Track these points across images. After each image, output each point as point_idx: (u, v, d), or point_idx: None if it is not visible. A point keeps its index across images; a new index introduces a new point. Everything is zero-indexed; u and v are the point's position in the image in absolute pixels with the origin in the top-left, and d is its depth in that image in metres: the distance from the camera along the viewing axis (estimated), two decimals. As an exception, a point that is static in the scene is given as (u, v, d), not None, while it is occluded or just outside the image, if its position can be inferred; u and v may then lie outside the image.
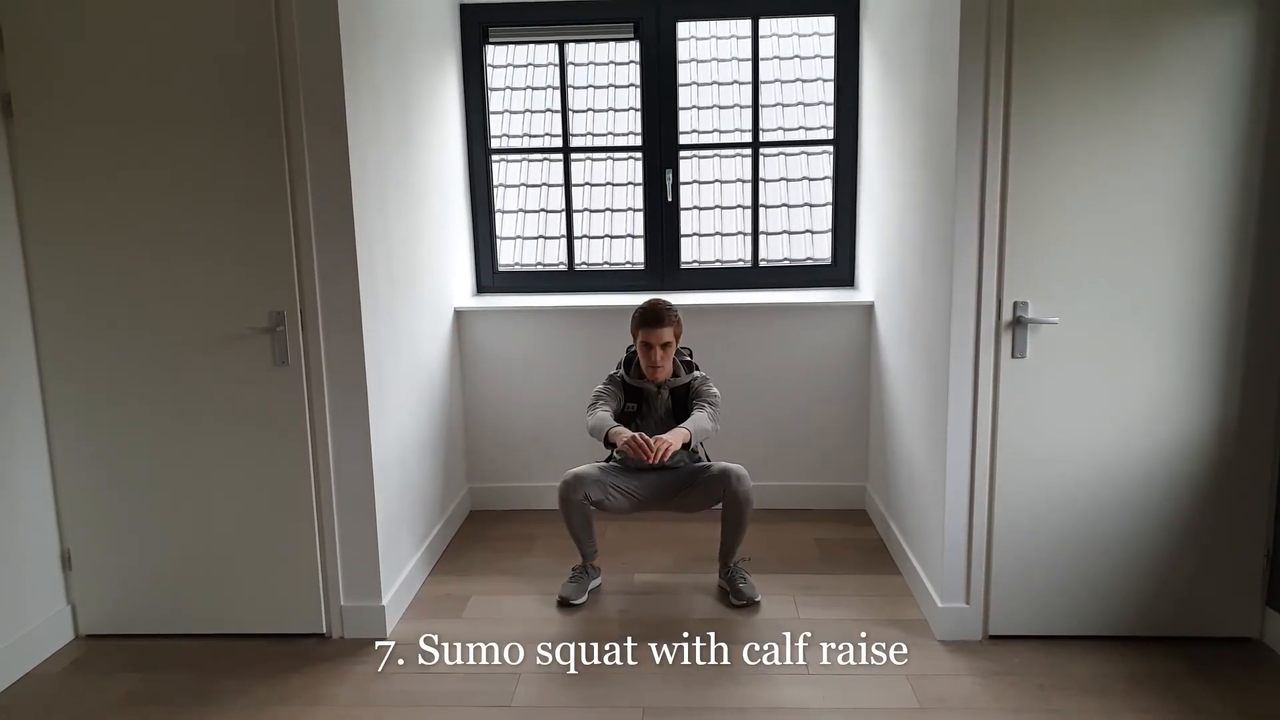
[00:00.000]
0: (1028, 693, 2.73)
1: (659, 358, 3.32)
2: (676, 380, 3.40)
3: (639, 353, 3.38)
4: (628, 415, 3.40)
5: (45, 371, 3.01)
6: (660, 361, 3.33)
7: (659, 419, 3.40)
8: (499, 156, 4.98)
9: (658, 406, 3.40)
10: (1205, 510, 2.91)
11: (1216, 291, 2.79)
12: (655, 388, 3.39)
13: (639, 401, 3.41)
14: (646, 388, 3.40)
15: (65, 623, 3.13)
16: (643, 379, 3.41)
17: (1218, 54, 2.68)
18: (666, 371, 3.38)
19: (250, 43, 2.79)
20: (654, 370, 3.36)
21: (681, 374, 3.42)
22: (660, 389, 3.39)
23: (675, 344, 3.37)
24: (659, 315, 3.30)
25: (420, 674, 2.90)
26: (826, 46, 5.79)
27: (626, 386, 3.43)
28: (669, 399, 3.40)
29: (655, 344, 3.30)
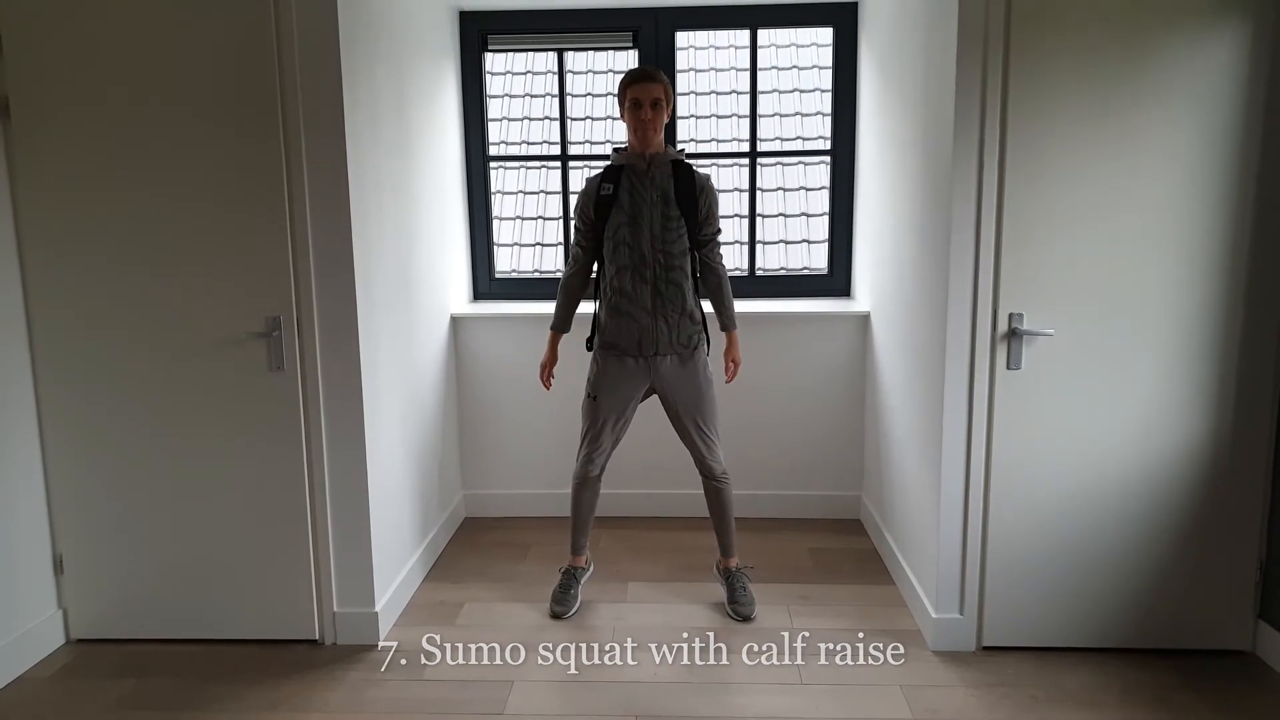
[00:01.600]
0: (1021, 704, 2.73)
1: (649, 116, 3.02)
2: (668, 154, 3.11)
3: (628, 117, 3.06)
4: (605, 201, 3.09)
5: (40, 376, 3.01)
6: (650, 121, 3.02)
7: (650, 203, 3.07)
8: (497, 163, 4.99)
9: (648, 188, 3.07)
10: (1198, 522, 2.92)
11: (1212, 304, 2.80)
12: (645, 164, 3.08)
13: (616, 183, 3.08)
14: (634, 163, 3.08)
15: (56, 627, 3.12)
16: (631, 154, 3.10)
17: (1213, 67, 2.69)
18: (658, 138, 3.07)
19: (249, 49, 2.80)
20: (645, 132, 3.03)
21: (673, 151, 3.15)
22: (651, 165, 3.08)
23: (666, 109, 3.07)
24: (649, 72, 3.05)
25: (413, 680, 2.89)
26: (824, 57, 5.81)
27: (606, 172, 3.12)
28: (668, 183, 3.07)
29: (645, 100, 3.01)
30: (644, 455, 4.19)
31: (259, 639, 3.13)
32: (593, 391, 3.28)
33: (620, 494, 4.24)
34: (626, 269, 3.12)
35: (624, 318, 3.15)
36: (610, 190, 3.08)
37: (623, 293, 3.13)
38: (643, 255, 3.10)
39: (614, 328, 3.18)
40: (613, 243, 3.13)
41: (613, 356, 3.22)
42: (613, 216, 3.11)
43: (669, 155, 3.13)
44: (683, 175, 3.11)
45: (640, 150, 3.10)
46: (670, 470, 4.18)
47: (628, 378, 3.21)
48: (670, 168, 3.11)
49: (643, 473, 4.24)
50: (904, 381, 3.47)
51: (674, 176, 3.10)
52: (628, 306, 3.14)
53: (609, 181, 3.09)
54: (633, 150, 3.12)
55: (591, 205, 3.14)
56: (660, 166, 3.09)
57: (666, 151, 3.13)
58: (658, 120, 3.05)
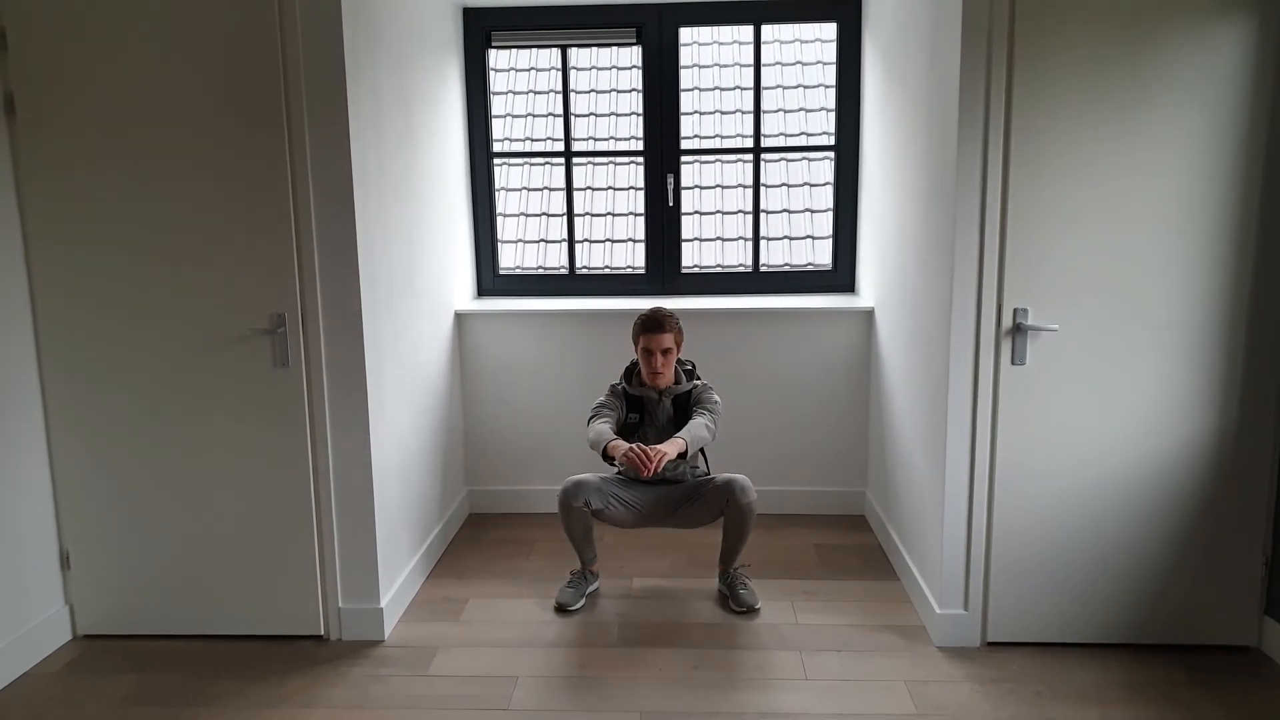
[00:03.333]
0: (1025, 700, 2.72)
1: (659, 364, 3.31)
2: (678, 388, 3.40)
3: (640, 359, 3.37)
4: (630, 426, 3.40)
5: (45, 371, 3.02)
6: (661, 368, 3.32)
7: (660, 428, 3.38)
8: (501, 160, 4.99)
9: (659, 415, 3.39)
10: (1204, 518, 2.91)
11: (1216, 299, 2.79)
12: (656, 395, 3.38)
13: (640, 411, 3.41)
14: (648, 395, 3.39)
15: (63, 623, 3.13)
16: (644, 387, 3.40)
17: (1218, 61, 2.68)
18: (668, 379, 3.37)
19: (253, 45, 2.80)
20: (655, 377, 3.34)
21: (683, 382, 3.42)
22: (661, 397, 3.38)
23: (676, 351, 3.36)
24: (659, 321, 3.31)
25: (418, 677, 2.90)
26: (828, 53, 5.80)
27: (628, 397, 3.42)
28: (670, 407, 3.39)
29: (656, 350, 3.30)
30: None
31: (264, 635, 3.13)
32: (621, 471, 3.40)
33: (624, 490, 4.24)
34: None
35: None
36: (636, 419, 3.42)
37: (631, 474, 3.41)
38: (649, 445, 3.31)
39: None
40: None
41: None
42: (630, 436, 3.39)
43: (677, 389, 3.41)
44: (684, 399, 3.41)
45: (653, 385, 3.39)
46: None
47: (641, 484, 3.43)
48: (675, 398, 3.40)
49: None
50: (908, 377, 3.47)
51: (676, 404, 3.39)
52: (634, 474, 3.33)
53: (634, 411, 3.42)
54: (647, 383, 3.40)
55: (618, 418, 3.40)
56: (669, 395, 3.40)
57: (677, 385, 3.41)
58: (668, 365, 3.36)
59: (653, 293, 4.36)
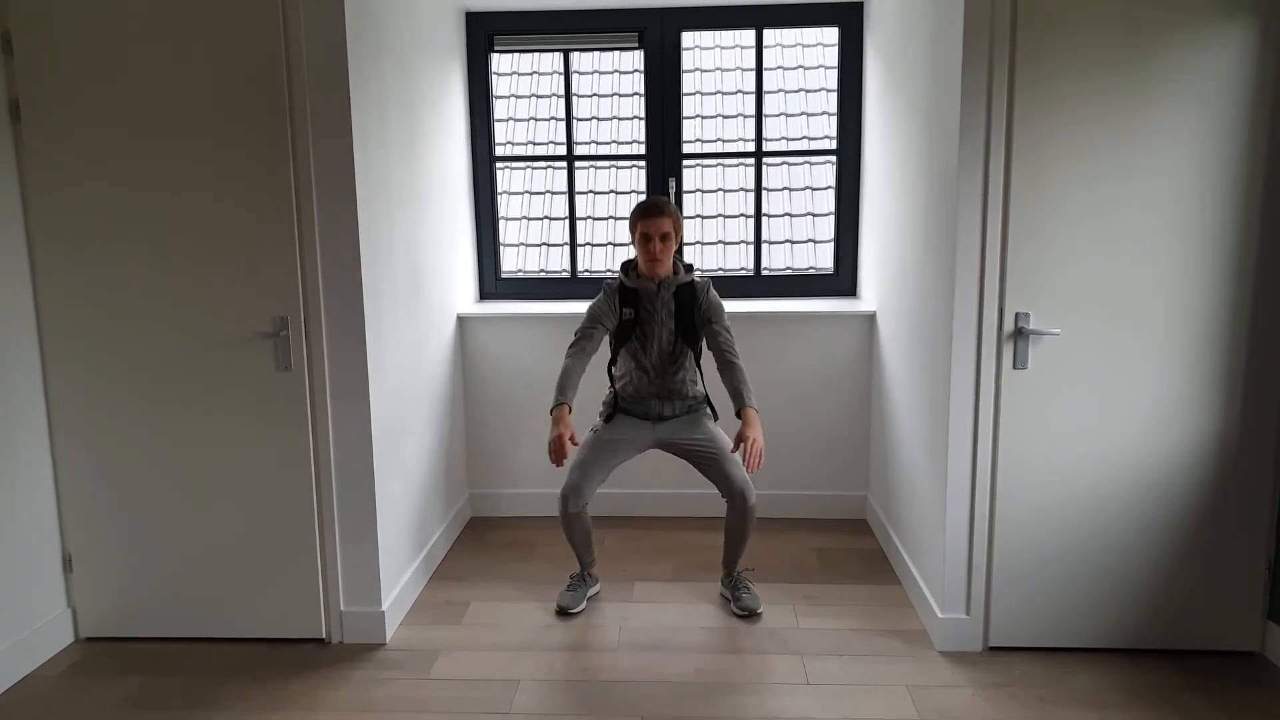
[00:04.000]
0: (1027, 705, 2.72)
1: (658, 249, 3.20)
2: (677, 278, 3.29)
3: (637, 247, 3.26)
4: (626, 324, 3.29)
5: (49, 374, 3.02)
6: (659, 254, 3.21)
7: (660, 322, 3.27)
8: (503, 163, 5.00)
9: (658, 308, 3.27)
10: (1206, 522, 2.91)
11: (1218, 303, 2.79)
12: (655, 287, 3.27)
13: (635, 306, 3.28)
14: (645, 287, 3.27)
15: (65, 626, 3.13)
16: (641, 279, 3.29)
17: (1220, 65, 2.69)
18: (666, 267, 3.26)
19: (257, 50, 2.80)
20: (653, 264, 3.23)
21: (681, 273, 3.31)
22: (660, 288, 3.27)
23: (675, 238, 3.25)
24: (658, 205, 3.22)
25: (419, 680, 2.90)
26: (830, 57, 5.81)
27: (623, 291, 3.31)
28: (672, 301, 3.27)
29: (654, 234, 3.19)
30: (650, 456, 4.18)
31: (266, 638, 3.14)
32: (597, 429, 3.39)
33: (627, 494, 4.24)
34: (635, 371, 3.35)
35: (633, 402, 3.38)
36: (631, 315, 3.29)
37: (631, 382, 3.37)
38: (649, 365, 3.33)
39: (624, 399, 3.41)
40: (626, 353, 3.36)
41: (622, 407, 3.40)
42: (630, 338, 3.32)
43: (677, 280, 3.31)
44: (686, 294, 3.31)
45: (650, 275, 3.28)
46: (676, 471, 4.18)
47: (632, 427, 3.38)
48: (676, 290, 3.30)
49: (649, 473, 4.24)
50: (910, 381, 3.47)
51: (677, 297, 3.30)
52: (635, 397, 3.37)
53: (628, 306, 3.30)
54: (643, 274, 3.30)
55: (611, 320, 3.32)
56: (668, 288, 3.29)
57: (676, 275, 3.32)
58: (667, 252, 3.24)
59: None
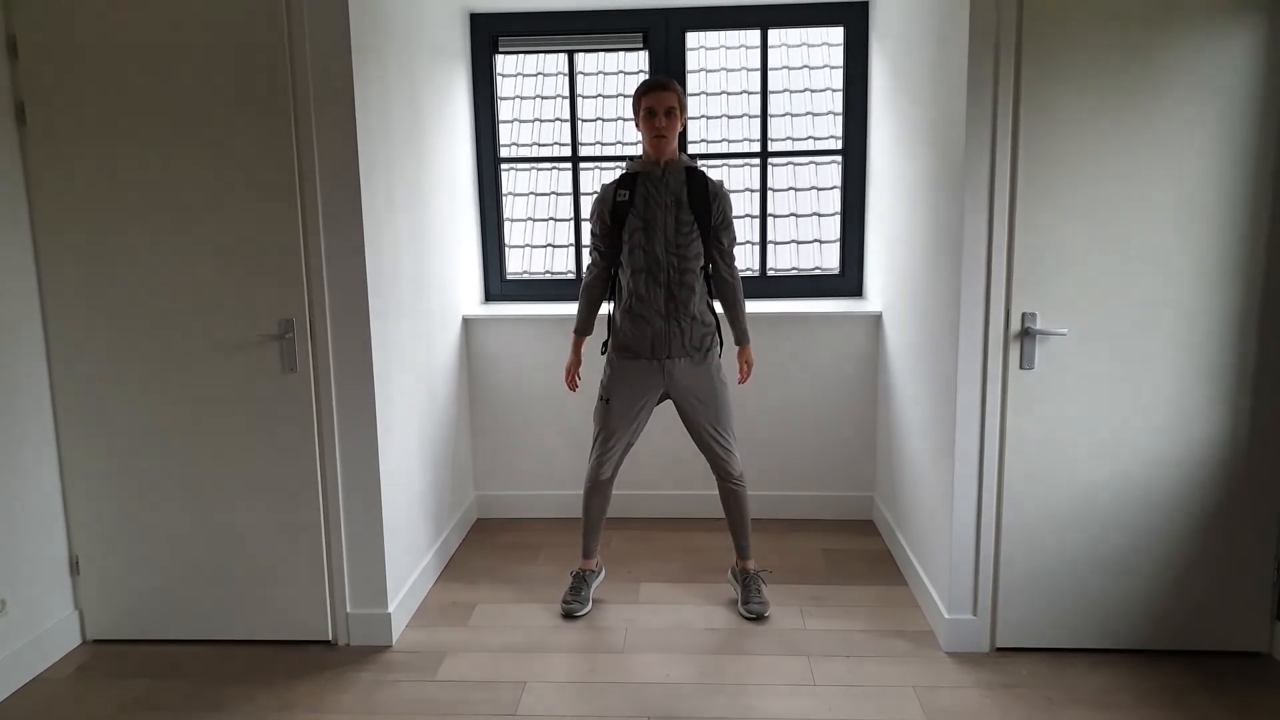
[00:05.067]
0: (1035, 705, 2.71)
1: (663, 125, 3.09)
2: (682, 160, 3.18)
3: (641, 125, 3.14)
4: (621, 206, 3.15)
5: (55, 377, 3.03)
6: (665, 130, 3.09)
7: (665, 206, 3.13)
8: (508, 165, 5.00)
9: (663, 192, 3.13)
10: (1215, 523, 2.90)
11: (1227, 303, 2.78)
12: (660, 170, 3.15)
13: (632, 189, 3.15)
14: (649, 169, 3.15)
15: (73, 628, 3.14)
16: (646, 161, 3.17)
17: (1227, 62, 2.67)
18: (672, 145, 3.14)
19: (261, 52, 2.81)
20: (658, 141, 3.10)
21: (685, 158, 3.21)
22: (665, 172, 3.15)
23: (680, 116, 3.15)
24: (662, 80, 3.12)
25: (426, 682, 2.90)
26: (835, 57, 5.81)
27: (623, 179, 3.19)
28: (681, 188, 3.13)
29: (659, 109, 3.08)
30: (658, 456, 4.19)
31: (272, 640, 3.14)
32: (605, 394, 3.29)
33: (633, 495, 4.24)
34: (641, 272, 3.17)
35: (638, 320, 3.20)
36: (626, 196, 3.15)
37: (637, 296, 3.19)
38: (657, 259, 3.15)
39: (628, 330, 3.22)
40: (628, 247, 3.18)
41: (627, 359, 3.25)
42: (629, 222, 3.17)
43: (682, 162, 3.19)
44: (696, 181, 3.17)
45: (655, 157, 3.16)
46: (683, 471, 4.18)
47: (641, 380, 3.24)
48: (684, 174, 3.17)
49: (656, 474, 4.24)
50: (916, 381, 3.46)
51: (687, 182, 3.16)
52: (641, 310, 3.19)
53: (624, 188, 3.16)
54: (647, 158, 3.18)
55: (608, 210, 3.21)
56: (674, 173, 3.15)
57: (680, 158, 3.19)
58: (672, 128, 3.11)
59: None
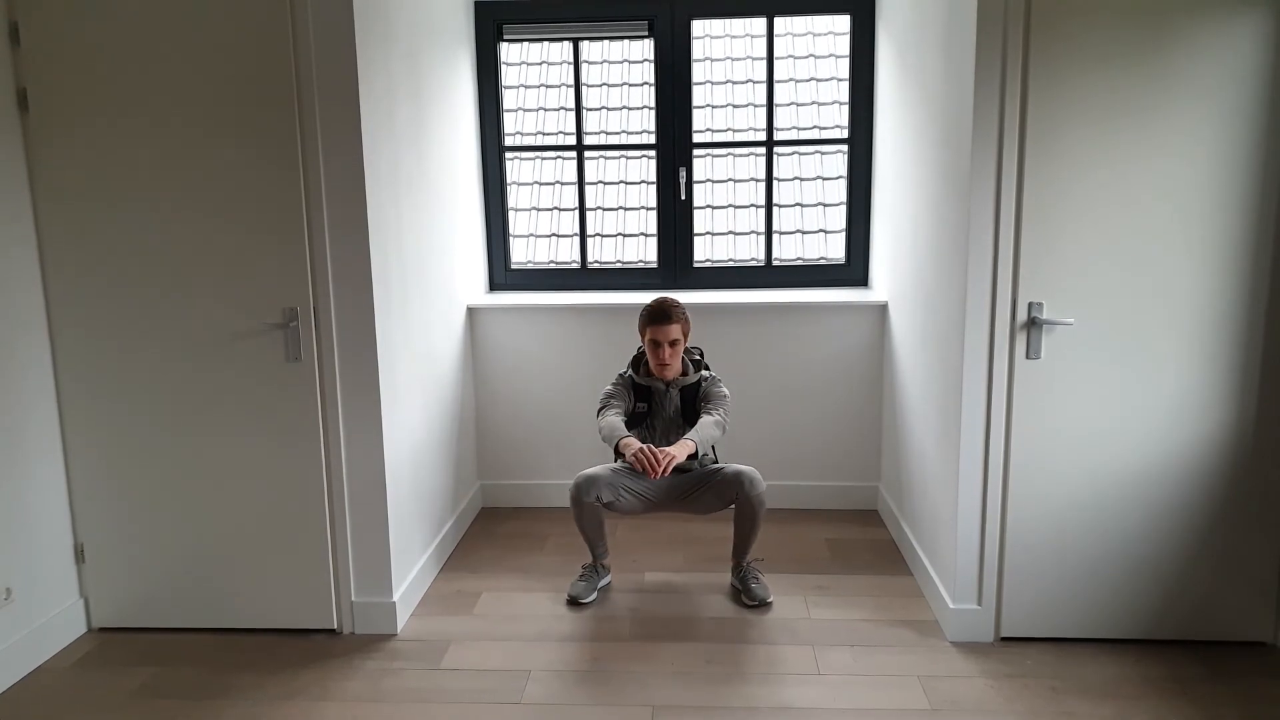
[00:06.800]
0: (1040, 695, 2.71)
1: (667, 355, 3.30)
2: (685, 379, 3.39)
3: (647, 351, 3.37)
4: (638, 415, 3.39)
5: (59, 365, 3.03)
6: (668, 359, 3.31)
7: (668, 419, 3.39)
8: (512, 154, 4.99)
9: (666, 406, 3.39)
10: (1221, 513, 2.89)
11: (1234, 293, 2.77)
12: (664, 386, 3.38)
13: (648, 401, 3.40)
14: (655, 386, 3.39)
15: (78, 616, 3.15)
16: (651, 378, 3.40)
17: (1237, 51, 2.65)
18: (675, 370, 3.36)
19: (265, 41, 2.80)
20: (662, 368, 3.33)
21: (690, 373, 3.41)
22: (669, 388, 3.38)
23: (683, 342, 3.35)
24: (666, 312, 3.29)
25: (431, 670, 2.91)
26: (841, 45, 5.77)
27: (636, 386, 3.42)
28: (678, 398, 3.38)
29: (663, 341, 3.29)
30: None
31: (277, 628, 3.15)
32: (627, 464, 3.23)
33: (636, 484, 4.24)
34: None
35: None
36: (645, 409, 3.42)
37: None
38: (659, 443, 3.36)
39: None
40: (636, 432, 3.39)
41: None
42: (640, 426, 3.41)
43: (685, 381, 3.40)
44: (692, 391, 3.41)
45: (661, 377, 3.38)
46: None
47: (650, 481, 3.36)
48: (683, 389, 3.40)
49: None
50: (922, 372, 3.45)
51: (684, 395, 3.40)
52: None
53: (643, 401, 3.42)
54: (655, 375, 3.40)
55: (627, 404, 3.41)
56: (676, 388, 3.40)
57: (685, 375, 3.41)
58: (675, 356, 3.33)
59: (664, 287, 4.35)
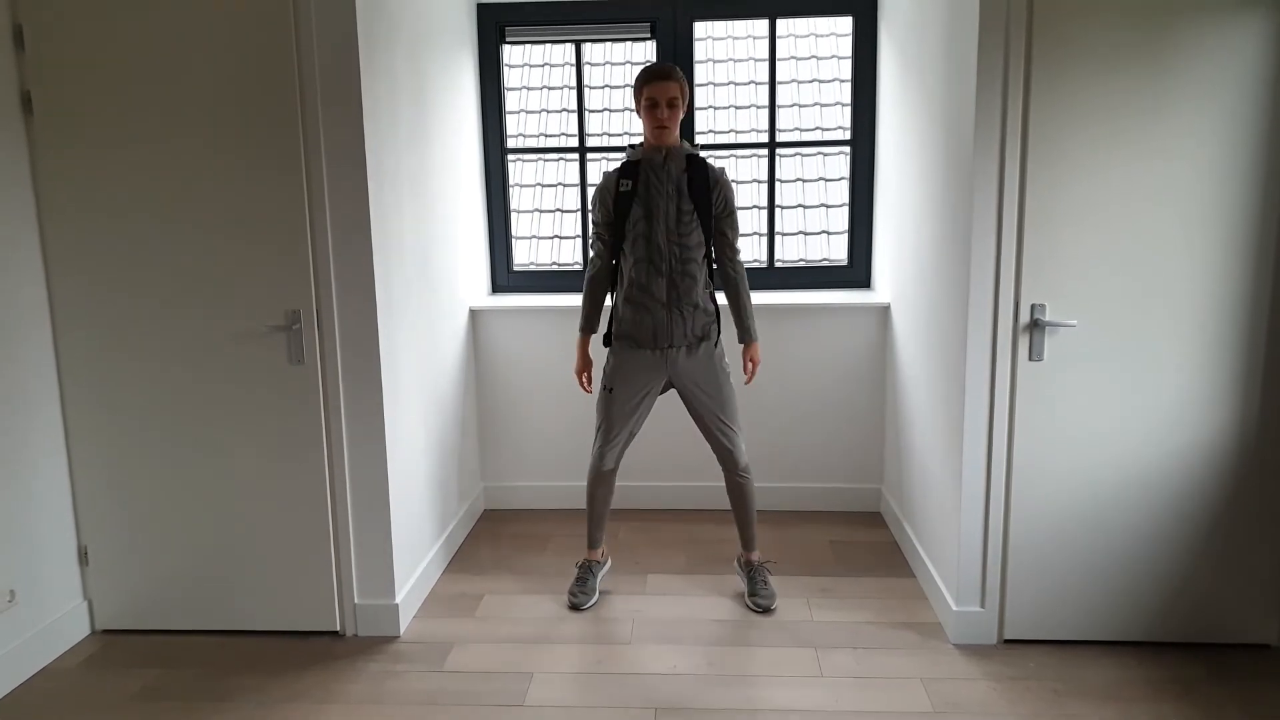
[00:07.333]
0: (1043, 698, 2.71)
1: (665, 116, 3.07)
2: (684, 149, 3.16)
3: (644, 114, 3.12)
4: (624, 196, 3.14)
5: (63, 367, 3.04)
6: (667, 121, 3.08)
7: (667, 195, 3.12)
8: (515, 156, 4.99)
9: (664, 180, 3.12)
10: (1224, 515, 2.89)
11: (1237, 293, 2.76)
12: (661, 158, 3.13)
13: (634, 177, 3.14)
14: (650, 157, 3.14)
15: (82, 618, 3.15)
16: (648, 149, 3.16)
17: (1241, 52, 2.65)
18: (674, 135, 3.13)
19: (268, 43, 2.80)
20: (660, 132, 3.09)
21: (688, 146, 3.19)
22: (667, 161, 3.13)
23: (682, 106, 3.12)
24: (665, 69, 3.08)
25: (433, 672, 2.91)
26: (844, 47, 5.78)
27: (625, 167, 3.18)
28: (681, 177, 3.12)
29: (661, 99, 3.06)
30: (664, 448, 4.18)
31: (280, 631, 3.15)
32: (608, 384, 3.29)
33: (640, 486, 4.24)
34: (643, 261, 3.16)
35: (639, 310, 3.19)
36: (629, 186, 3.14)
37: (638, 285, 3.18)
38: (658, 247, 3.14)
39: (630, 319, 3.22)
40: (631, 235, 3.17)
41: (628, 348, 3.25)
42: (631, 210, 3.15)
43: (684, 150, 3.17)
44: (697, 169, 3.16)
45: (656, 145, 3.15)
46: (690, 462, 4.18)
47: (643, 370, 3.24)
48: (685, 161, 3.15)
49: (662, 465, 4.24)
50: (925, 373, 3.45)
51: (689, 170, 3.15)
52: (643, 298, 3.18)
53: (627, 177, 3.15)
54: (649, 146, 3.17)
55: (610, 199, 3.20)
56: (675, 160, 3.14)
57: (682, 146, 3.17)
58: (674, 118, 3.10)
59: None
